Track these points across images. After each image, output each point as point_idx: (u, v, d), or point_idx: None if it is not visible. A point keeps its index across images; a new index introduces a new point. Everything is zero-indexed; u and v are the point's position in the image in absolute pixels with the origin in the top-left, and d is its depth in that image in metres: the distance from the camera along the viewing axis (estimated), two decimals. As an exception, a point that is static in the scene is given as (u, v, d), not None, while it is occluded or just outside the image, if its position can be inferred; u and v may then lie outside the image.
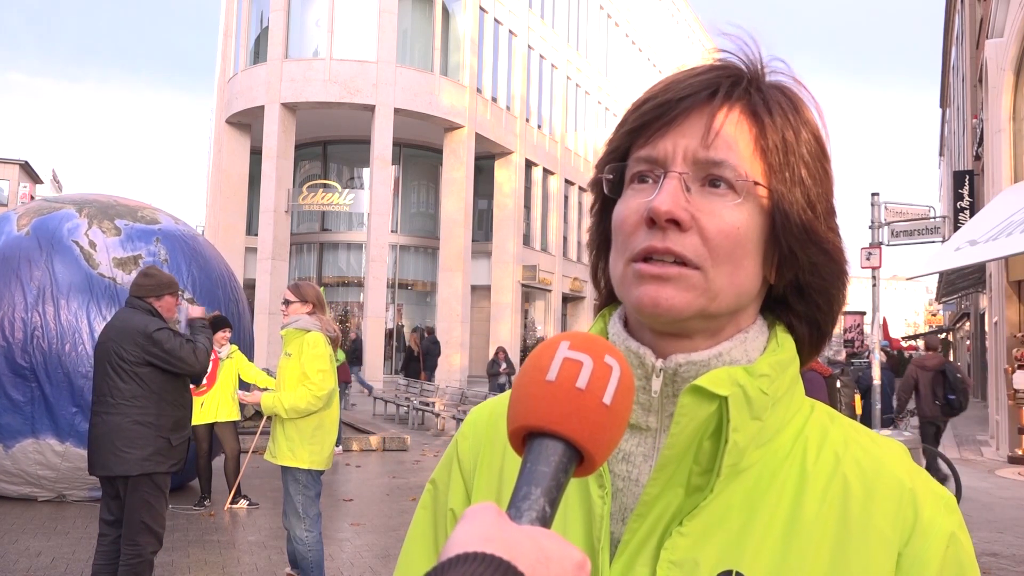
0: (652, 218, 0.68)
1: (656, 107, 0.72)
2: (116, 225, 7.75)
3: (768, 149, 0.70)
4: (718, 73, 0.73)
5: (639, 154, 0.72)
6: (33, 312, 7.15)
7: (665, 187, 0.69)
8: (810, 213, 0.71)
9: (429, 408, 15.36)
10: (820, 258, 0.73)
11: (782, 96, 0.73)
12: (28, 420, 7.09)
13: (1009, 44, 13.23)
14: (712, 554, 0.67)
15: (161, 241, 7.85)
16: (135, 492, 4.13)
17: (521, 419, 0.54)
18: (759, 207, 0.71)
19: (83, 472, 7.11)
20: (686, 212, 0.68)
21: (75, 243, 7.48)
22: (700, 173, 0.70)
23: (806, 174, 0.71)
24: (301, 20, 25.35)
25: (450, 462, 0.84)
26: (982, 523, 7.86)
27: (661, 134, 0.71)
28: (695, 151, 0.70)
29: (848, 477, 0.70)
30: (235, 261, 25.95)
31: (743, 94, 0.72)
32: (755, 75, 0.73)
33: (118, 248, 7.59)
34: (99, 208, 7.93)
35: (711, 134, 0.70)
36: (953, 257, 12.19)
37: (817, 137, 0.73)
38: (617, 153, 0.75)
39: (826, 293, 0.75)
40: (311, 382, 4.54)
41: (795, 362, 0.75)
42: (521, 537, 0.46)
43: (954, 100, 31.04)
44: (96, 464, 4.16)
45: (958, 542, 0.69)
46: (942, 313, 58.13)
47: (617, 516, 0.72)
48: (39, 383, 7.12)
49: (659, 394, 0.73)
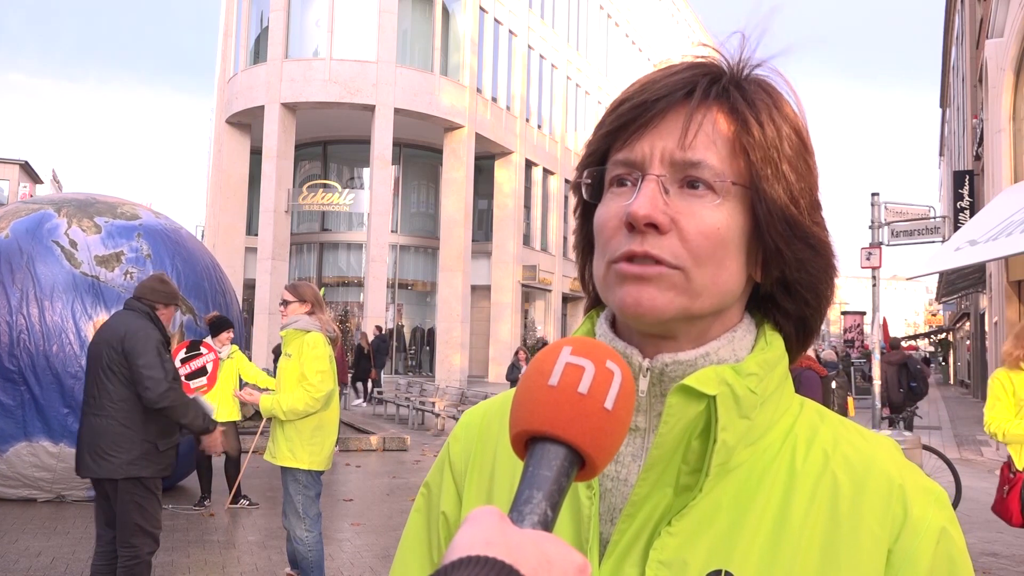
0: (631, 222, 0.68)
1: (632, 108, 0.71)
2: (96, 223, 7.70)
3: (748, 146, 0.69)
4: (695, 71, 0.72)
5: (617, 157, 0.72)
6: (17, 315, 7.12)
7: (643, 191, 0.68)
8: (794, 209, 0.70)
9: (429, 408, 15.37)
10: (806, 253, 0.72)
11: (762, 92, 0.72)
12: (20, 423, 7.07)
13: (1009, 44, 13.24)
14: (701, 554, 0.67)
15: (143, 236, 7.79)
16: (124, 495, 4.09)
17: (523, 423, 0.55)
18: (740, 206, 0.70)
19: None
20: (664, 215, 0.68)
21: (55, 243, 7.43)
22: (678, 175, 0.69)
23: (788, 169, 0.70)
24: (301, 20, 25.36)
25: (442, 465, 0.84)
26: (982, 523, 7.86)
27: (638, 136, 0.71)
28: (672, 152, 0.69)
29: (837, 475, 0.70)
30: (235, 261, 25.96)
31: (721, 92, 0.71)
32: (734, 71, 0.72)
33: (99, 246, 7.54)
34: (77, 206, 7.87)
35: (688, 135, 0.69)
36: (953, 257, 12.19)
37: (798, 131, 0.72)
38: (596, 156, 0.75)
39: (814, 289, 0.74)
40: (309, 383, 4.53)
41: (784, 360, 0.74)
42: (523, 541, 0.47)
43: (954, 100, 31.04)
44: (82, 466, 4.13)
45: (949, 537, 0.68)
46: (942, 313, 58.14)
47: (606, 516, 0.72)
48: (28, 386, 7.08)
49: (646, 394, 0.72)
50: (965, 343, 35.76)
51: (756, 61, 0.73)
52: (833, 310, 63.28)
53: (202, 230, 36.20)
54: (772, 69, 0.73)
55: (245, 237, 26.87)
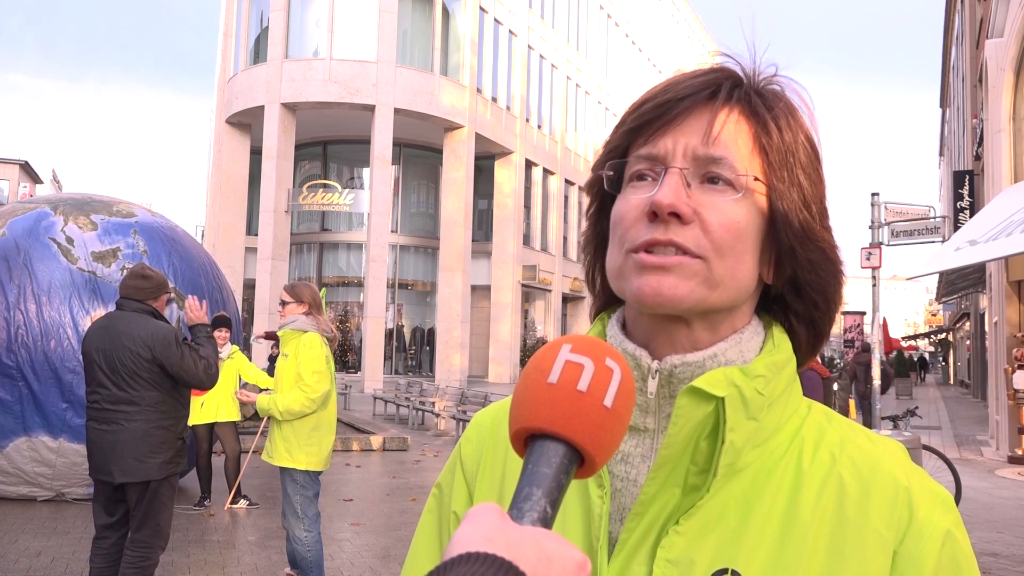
0: (654, 211, 0.69)
1: (656, 107, 0.73)
2: (92, 220, 7.73)
3: (766, 149, 0.72)
4: (718, 75, 0.74)
5: (639, 152, 0.73)
6: (15, 311, 7.15)
7: (666, 182, 0.70)
8: (806, 213, 0.73)
9: (429, 408, 15.37)
10: (817, 256, 0.74)
11: (779, 100, 0.74)
12: (19, 419, 7.09)
13: (1009, 44, 13.24)
14: (708, 553, 0.68)
15: (139, 233, 7.82)
16: (155, 496, 4.12)
17: (523, 421, 0.55)
18: (757, 205, 0.72)
19: (79, 468, 7.09)
20: (687, 206, 0.69)
21: (52, 240, 7.45)
22: (700, 170, 0.71)
23: (802, 175, 0.73)
24: (301, 20, 25.37)
25: (454, 465, 0.85)
26: (982, 523, 7.87)
27: (661, 132, 0.72)
28: (695, 148, 0.71)
29: (844, 476, 0.70)
30: (235, 261, 25.99)
31: (743, 96, 0.73)
32: (753, 79, 0.75)
33: (96, 242, 7.57)
34: (73, 205, 7.91)
35: (712, 131, 0.71)
36: (953, 257, 12.19)
37: (811, 141, 0.75)
38: (616, 152, 0.76)
39: (823, 292, 0.76)
40: (305, 384, 4.54)
41: (792, 362, 0.75)
42: (523, 537, 0.47)
43: (954, 100, 31.05)
44: (119, 471, 4.07)
45: (954, 540, 0.69)
46: (942, 313, 58.16)
47: (616, 516, 0.73)
48: (26, 381, 7.11)
49: (655, 395, 0.73)
50: (965, 343, 35.77)
51: (772, 71, 0.76)
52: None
53: (202, 230, 36.19)
54: (789, 81, 0.76)
55: (245, 237, 26.89)
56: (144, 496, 4.12)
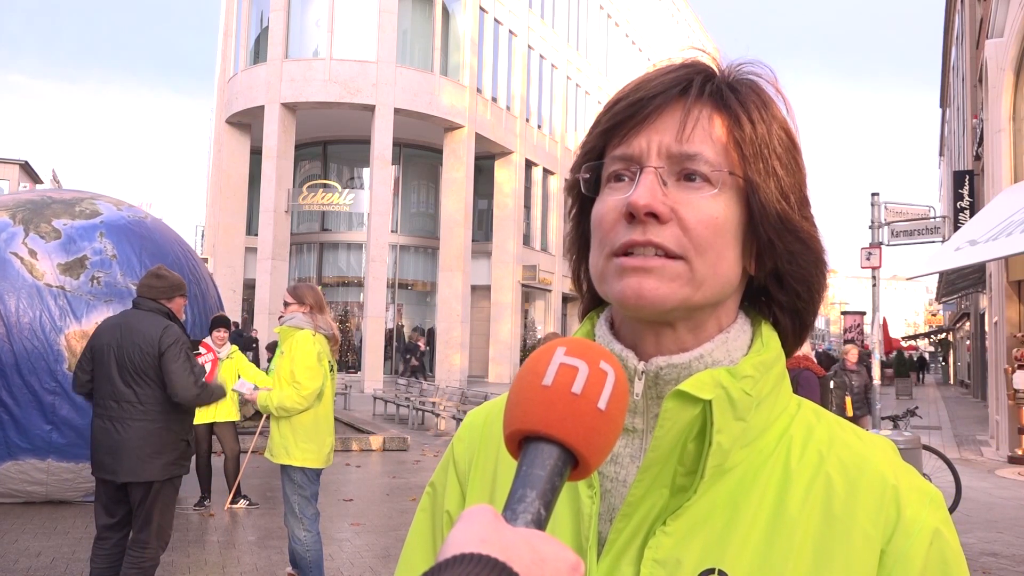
0: (631, 212, 0.69)
1: (629, 106, 0.73)
2: (55, 227, 7.26)
3: (740, 142, 0.71)
4: (688, 70, 0.74)
5: (614, 153, 0.73)
6: None
7: (642, 182, 0.70)
8: (784, 203, 0.72)
9: (429, 408, 15.38)
10: (797, 246, 0.74)
11: (752, 92, 0.74)
12: (2, 445, 6.83)
13: (1009, 44, 13.24)
14: (695, 553, 0.68)
15: (105, 235, 7.38)
16: (159, 496, 4.14)
17: (517, 423, 0.55)
18: (735, 198, 0.72)
19: (73, 479, 6.97)
20: (664, 205, 0.69)
21: (14, 255, 7.00)
22: (675, 167, 0.71)
23: (778, 165, 0.72)
24: (301, 20, 25.36)
25: (447, 465, 0.85)
26: (982, 523, 7.87)
27: (635, 132, 0.72)
28: (669, 146, 0.71)
29: (831, 475, 0.70)
30: (235, 261, 25.99)
31: (715, 90, 0.73)
32: (725, 73, 0.75)
33: (61, 252, 7.13)
34: (33, 210, 7.43)
35: (685, 128, 0.71)
36: (953, 257, 12.19)
37: (787, 130, 0.74)
38: (592, 154, 0.76)
39: (806, 282, 0.76)
40: (297, 381, 4.57)
41: (780, 361, 0.75)
42: (516, 539, 0.47)
43: (954, 100, 31.04)
44: (120, 470, 4.09)
45: (942, 538, 0.68)
46: (942, 313, 58.12)
47: (605, 516, 0.73)
48: (5, 407, 6.81)
49: (642, 396, 0.73)
50: (965, 343, 35.75)
51: (746, 63, 0.75)
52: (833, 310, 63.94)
53: (202, 230, 36.21)
54: (760, 71, 0.75)
55: (245, 237, 26.87)
56: (147, 496, 4.13)
